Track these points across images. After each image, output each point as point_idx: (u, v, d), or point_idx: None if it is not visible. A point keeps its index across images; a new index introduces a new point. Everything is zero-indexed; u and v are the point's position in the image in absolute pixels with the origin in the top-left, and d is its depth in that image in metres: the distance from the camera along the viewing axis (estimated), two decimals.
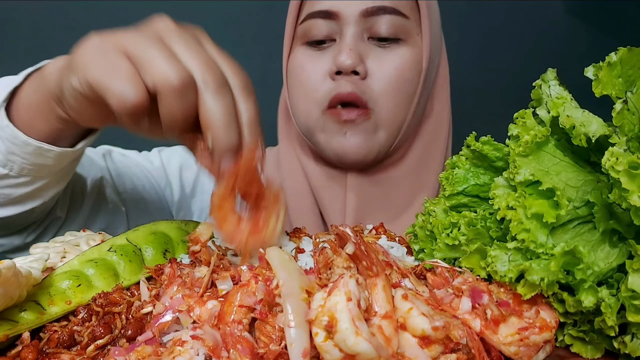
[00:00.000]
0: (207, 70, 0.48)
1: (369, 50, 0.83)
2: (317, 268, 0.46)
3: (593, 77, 0.50)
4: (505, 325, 0.45)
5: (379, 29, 0.82)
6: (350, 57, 0.79)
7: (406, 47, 0.84)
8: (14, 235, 0.77)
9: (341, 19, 0.82)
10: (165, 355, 0.42)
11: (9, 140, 0.64)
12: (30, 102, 0.63)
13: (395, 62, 0.83)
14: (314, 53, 0.85)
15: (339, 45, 0.82)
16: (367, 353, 0.38)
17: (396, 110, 0.85)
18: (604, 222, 0.48)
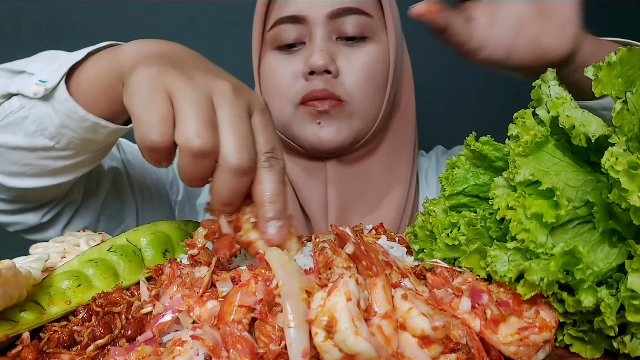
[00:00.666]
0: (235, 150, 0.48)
1: (338, 50, 0.86)
2: (317, 268, 0.46)
3: (593, 77, 0.50)
4: (504, 325, 0.45)
5: (345, 29, 0.85)
6: (322, 57, 0.83)
7: (373, 44, 0.88)
8: (30, 212, 0.78)
9: (309, 23, 0.85)
10: (165, 355, 0.42)
11: (66, 114, 0.65)
12: (96, 81, 0.63)
13: (363, 59, 0.87)
14: (285, 57, 0.88)
15: (310, 47, 0.85)
16: (366, 353, 0.38)
17: (369, 101, 0.88)
18: (604, 222, 0.48)
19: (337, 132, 0.88)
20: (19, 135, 0.68)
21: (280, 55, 0.89)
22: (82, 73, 0.66)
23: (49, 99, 0.65)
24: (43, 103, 0.65)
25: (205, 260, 0.54)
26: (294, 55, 0.88)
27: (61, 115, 0.65)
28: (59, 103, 0.65)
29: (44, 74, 0.66)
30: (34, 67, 0.69)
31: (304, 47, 0.87)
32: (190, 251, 0.55)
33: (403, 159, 0.98)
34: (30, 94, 0.65)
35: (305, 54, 0.86)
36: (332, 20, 0.84)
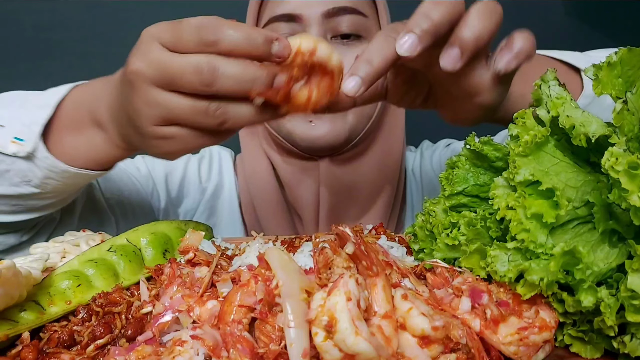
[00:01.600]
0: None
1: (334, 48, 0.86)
2: (317, 268, 0.46)
3: (593, 77, 0.50)
4: (504, 325, 0.45)
5: (341, 28, 0.84)
6: None
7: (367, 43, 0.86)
8: (10, 234, 0.78)
9: (304, 21, 0.84)
10: (165, 355, 0.42)
11: (48, 169, 0.67)
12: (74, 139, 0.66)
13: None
14: None
15: None
16: (366, 353, 0.38)
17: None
18: (604, 222, 0.48)
19: (330, 128, 0.87)
20: (4, 186, 0.69)
21: None
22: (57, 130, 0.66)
23: (29, 157, 0.66)
24: (24, 160, 0.66)
25: (204, 260, 0.54)
26: None
27: (44, 170, 0.67)
28: (40, 160, 0.66)
29: (16, 128, 0.65)
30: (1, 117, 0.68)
31: None
32: (186, 257, 0.55)
33: (393, 158, 0.99)
34: (10, 153, 0.65)
35: None
36: (327, 19, 0.84)
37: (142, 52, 0.51)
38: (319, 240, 0.52)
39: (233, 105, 0.51)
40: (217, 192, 1.05)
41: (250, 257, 0.57)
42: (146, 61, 0.50)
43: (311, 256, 0.53)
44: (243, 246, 0.62)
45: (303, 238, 0.64)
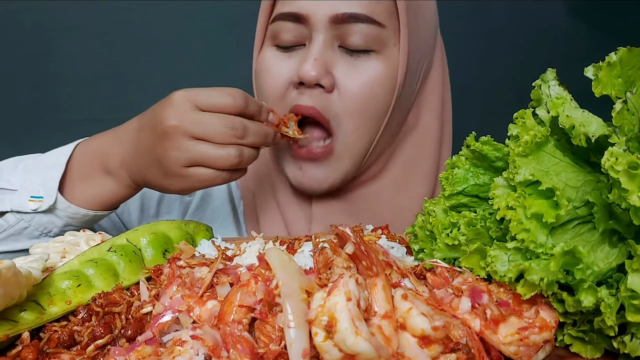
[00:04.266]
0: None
1: (338, 59, 0.76)
2: (317, 268, 0.46)
3: (593, 77, 0.50)
4: (505, 325, 0.45)
5: (350, 38, 0.74)
6: (314, 68, 0.73)
7: (379, 60, 0.76)
8: None
9: (310, 24, 0.75)
10: (165, 355, 0.42)
11: (69, 217, 0.74)
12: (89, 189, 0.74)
13: (365, 77, 0.76)
14: (281, 55, 0.80)
15: (306, 51, 0.76)
16: (366, 353, 0.38)
17: (362, 132, 0.78)
18: (604, 222, 0.48)
19: (322, 178, 0.80)
20: (23, 242, 0.75)
21: (276, 53, 0.80)
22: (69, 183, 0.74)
23: (50, 210, 0.73)
24: (43, 214, 0.73)
25: (203, 261, 0.54)
26: (291, 54, 0.79)
27: (65, 218, 0.74)
28: (61, 211, 0.73)
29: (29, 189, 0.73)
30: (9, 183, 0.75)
31: (303, 48, 0.78)
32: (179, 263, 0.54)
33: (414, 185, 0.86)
34: (29, 210, 0.72)
35: (301, 57, 0.77)
36: (336, 25, 0.74)
37: (178, 111, 0.65)
38: (319, 240, 0.52)
39: (246, 149, 0.68)
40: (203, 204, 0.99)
41: (250, 257, 0.57)
42: (185, 119, 0.65)
43: (311, 256, 0.53)
44: (243, 246, 0.61)
45: (302, 239, 0.64)
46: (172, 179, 0.68)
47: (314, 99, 0.75)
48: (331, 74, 0.75)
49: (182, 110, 0.66)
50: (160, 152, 0.67)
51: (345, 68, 0.76)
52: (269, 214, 0.93)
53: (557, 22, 1.50)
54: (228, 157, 0.66)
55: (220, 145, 0.66)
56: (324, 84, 0.74)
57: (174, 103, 0.66)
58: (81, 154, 0.75)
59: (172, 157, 0.66)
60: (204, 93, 0.67)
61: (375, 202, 0.87)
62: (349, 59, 0.76)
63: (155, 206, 0.97)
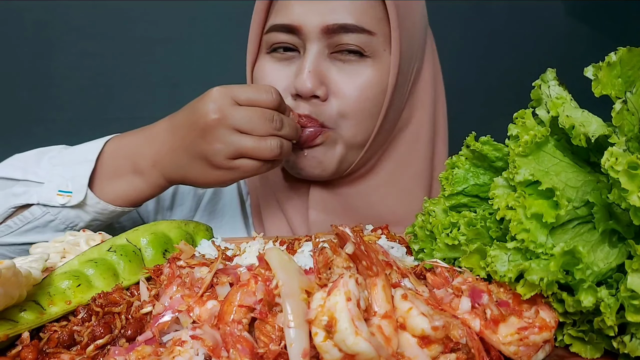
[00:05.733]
0: None
1: (331, 67, 0.79)
2: (317, 268, 0.46)
3: (593, 77, 0.50)
4: (504, 325, 0.45)
5: (341, 47, 0.78)
6: (309, 80, 0.76)
7: (371, 65, 0.79)
8: None
9: (303, 34, 0.78)
10: (165, 355, 0.42)
11: (97, 212, 0.76)
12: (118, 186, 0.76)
13: (357, 82, 0.79)
14: (277, 65, 0.83)
15: (301, 63, 0.79)
16: (366, 353, 0.38)
17: (357, 129, 0.81)
18: (604, 222, 0.48)
19: (318, 163, 0.83)
20: (47, 234, 0.76)
21: (273, 62, 0.83)
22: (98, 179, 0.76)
23: (79, 205, 0.74)
24: (71, 208, 0.75)
25: (202, 261, 0.54)
26: (287, 64, 0.82)
27: (92, 214, 0.76)
28: (90, 206, 0.75)
29: (57, 183, 0.74)
30: (36, 175, 0.76)
31: (297, 56, 0.81)
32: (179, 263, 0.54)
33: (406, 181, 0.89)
34: (57, 204, 0.74)
35: (296, 67, 0.80)
36: (327, 35, 0.77)
37: (219, 106, 0.69)
38: (319, 240, 0.52)
39: (285, 141, 0.72)
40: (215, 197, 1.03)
41: (250, 257, 0.57)
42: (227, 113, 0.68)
43: (311, 256, 0.53)
44: (243, 246, 0.62)
45: (302, 239, 0.64)
46: (218, 172, 0.72)
47: (310, 107, 0.79)
48: (325, 84, 0.79)
49: (223, 105, 0.69)
50: (205, 146, 0.69)
51: (338, 75, 0.79)
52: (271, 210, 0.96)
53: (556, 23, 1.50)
54: (271, 149, 0.70)
55: (262, 137, 0.70)
56: (319, 94, 0.78)
57: (215, 98, 0.69)
58: (111, 152, 0.77)
59: (218, 151, 0.69)
60: (242, 89, 0.71)
61: (369, 198, 0.90)
62: (341, 66, 0.79)
63: (170, 198, 0.99)
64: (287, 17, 0.79)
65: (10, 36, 1.35)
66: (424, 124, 0.90)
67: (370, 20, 0.77)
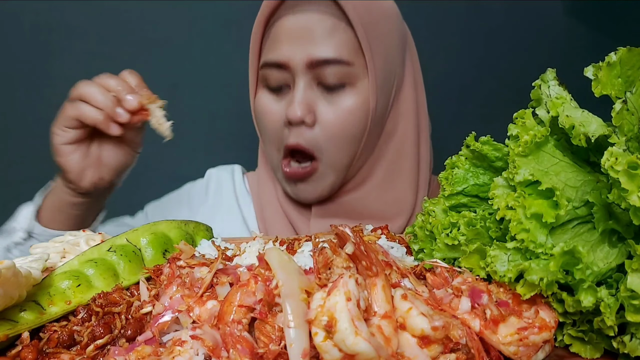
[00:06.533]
0: None
1: (318, 97, 0.88)
2: (317, 268, 0.46)
3: (592, 77, 0.50)
4: (504, 325, 0.45)
5: (325, 78, 0.86)
6: (299, 109, 0.85)
7: (352, 92, 0.88)
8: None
9: (291, 69, 0.87)
10: (165, 355, 0.42)
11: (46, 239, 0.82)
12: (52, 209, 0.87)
13: (341, 109, 0.87)
14: (273, 98, 0.91)
15: (291, 95, 0.88)
16: (366, 353, 0.38)
17: (343, 153, 0.90)
18: (604, 222, 0.48)
19: (312, 191, 0.92)
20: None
21: (269, 96, 0.92)
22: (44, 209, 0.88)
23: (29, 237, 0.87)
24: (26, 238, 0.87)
25: (199, 262, 0.54)
26: (280, 98, 0.91)
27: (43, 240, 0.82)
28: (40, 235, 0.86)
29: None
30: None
31: (289, 90, 0.90)
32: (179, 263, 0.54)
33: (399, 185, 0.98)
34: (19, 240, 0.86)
35: (288, 100, 0.89)
36: (311, 69, 0.86)
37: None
38: (319, 240, 0.52)
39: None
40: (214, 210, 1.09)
41: (250, 257, 0.57)
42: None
43: (311, 256, 0.53)
44: (243, 246, 0.62)
45: (302, 239, 0.64)
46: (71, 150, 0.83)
47: (298, 135, 0.88)
48: (313, 112, 0.87)
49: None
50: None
51: (324, 103, 0.88)
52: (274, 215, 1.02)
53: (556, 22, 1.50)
54: (104, 96, 0.78)
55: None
56: (307, 121, 0.86)
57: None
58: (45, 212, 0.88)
59: (60, 121, 0.83)
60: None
61: (365, 202, 0.98)
62: (327, 96, 0.88)
63: None
64: (277, 54, 0.87)
65: (9, 38, 1.35)
66: (409, 131, 0.98)
67: (349, 52, 0.86)
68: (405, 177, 0.98)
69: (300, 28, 0.86)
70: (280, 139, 0.91)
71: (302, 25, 0.86)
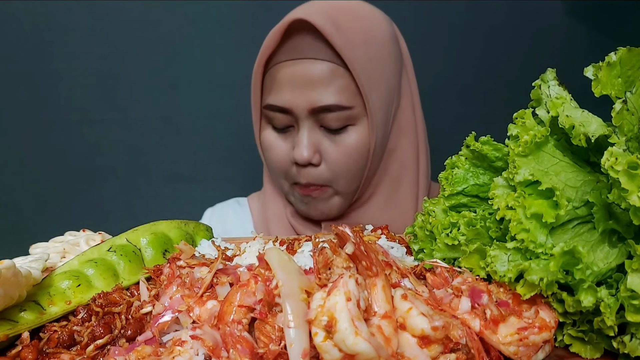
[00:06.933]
0: None
1: (322, 138, 0.92)
2: (317, 268, 0.46)
3: (592, 77, 0.50)
4: (504, 325, 0.45)
5: (327, 123, 0.90)
6: (306, 151, 0.90)
7: (354, 131, 0.92)
8: None
9: (295, 114, 0.90)
10: (165, 355, 0.42)
11: None
12: None
13: (344, 148, 0.92)
14: (279, 136, 0.96)
15: (297, 136, 0.92)
16: (366, 353, 0.38)
17: (349, 181, 0.96)
18: (604, 222, 0.48)
19: (323, 209, 0.98)
20: None
21: (275, 134, 0.96)
22: None
23: None
24: None
25: (199, 262, 0.54)
26: (285, 136, 0.95)
27: None
28: None
29: None
30: None
31: (293, 130, 0.94)
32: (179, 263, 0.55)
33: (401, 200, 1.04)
34: None
35: (294, 139, 0.93)
36: (314, 114, 0.89)
37: None
38: (319, 240, 0.52)
39: None
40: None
41: (250, 257, 0.57)
42: None
43: (311, 256, 0.53)
44: (243, 246, 0.61)
45: (302, 239, 0.64)
46: None
47: (307, 175, 0.93)
48: (319, 152, 0.92)
49: None
50: None
51: (328, 144, 0.92)
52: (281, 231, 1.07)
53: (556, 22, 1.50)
54: None
55: None
56: (314, 162, 0.91)
57: None
58: None
59: None
60: None
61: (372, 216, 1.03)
62: (330, 136, 0.92)
63: None
64: (279, 100, 0.91)
65: (9, 37, 1.35)
66: (409, 146, 1.03)
67: (348, 97, 0.89)
68: (408, 191, 1.03)
69: (300, 74, 0.89)
70: (288, 173, 0.96)
71: (302, 72, 0.89)
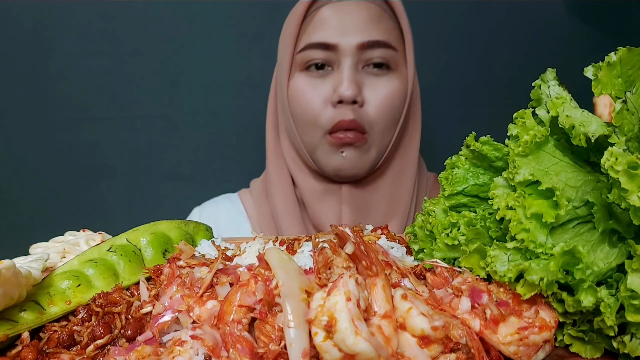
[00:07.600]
0: None
1: (364, 78, 0.94)
2: (317, 268, 0.46)
3: (592, 77, 0.50)
4: (504, 325, 0.45)
5: (373, 59, 0.93)
6: (351, 88, 0.90)
7: (395, 76, 0.96)
8: None
9: (339, 51, 0.91)
10: (165, 355, 0.42)
11: None
12: None
13: (386, 90, 0.95)
14: (313, 80, 0.95)
15: (338, 75, 0.92)
16: (366, 353, 0.38)
17: (385, 132, 0.98)
18: (604, 222, 0.48)
19: (357, 163, 0.97)
20: None
21: (308, 79, 0.95)
22: None
23: None
24: None
25: (199, 262, 0.54)
26: (322, 79, 0.94)
27: None
28: None
29: None
30: None
31: (331, 71, 0.94)
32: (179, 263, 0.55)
33: (408, 175, 1.06)
34: None
35: (333, 80, 0.93)
36: (361, 51, 0.91)
37: None
38: (319, 240, 0.52)
39: None
40: None
41: (250, 257, 0.57)
42: None
43: (311, 256, 0.53)
44: (243, 246, 0.61)
45: (302, 239, 0.64)
46: None
47: (353, 112, 0.92)
48: (361, 92, 0.93)
49: None
50: None
51: (370, 85, 0.94)
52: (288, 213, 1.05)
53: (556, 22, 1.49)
54: None
55: None
56: (358, 100, 0.91)
57: None
58: None
59: None
60: None
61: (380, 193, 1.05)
62: (372, 78, 0.94)
63: None
64: (325, 36, 0.92)
65: (8, 36, 1.35)
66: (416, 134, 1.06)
67: (394, 39, 0.95)
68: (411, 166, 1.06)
69: (349, 12, 0.92)
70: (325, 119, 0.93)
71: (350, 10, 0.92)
